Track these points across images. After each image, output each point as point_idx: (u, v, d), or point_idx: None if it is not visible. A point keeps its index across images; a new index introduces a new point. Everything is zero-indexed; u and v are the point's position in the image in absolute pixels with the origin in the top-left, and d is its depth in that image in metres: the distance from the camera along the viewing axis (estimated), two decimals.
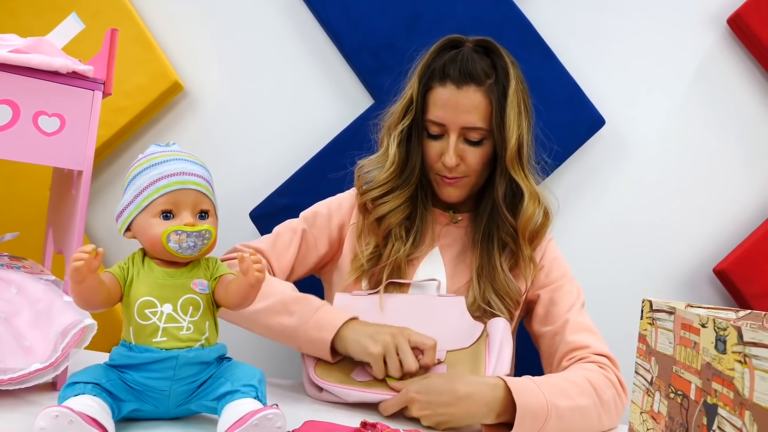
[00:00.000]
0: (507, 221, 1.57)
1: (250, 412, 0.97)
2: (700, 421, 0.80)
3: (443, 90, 1.53)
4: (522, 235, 1.57)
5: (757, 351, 0.69)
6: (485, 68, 1.54)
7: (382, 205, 1.59)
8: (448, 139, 1.54)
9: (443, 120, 1.53)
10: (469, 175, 1.58)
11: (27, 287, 1.22)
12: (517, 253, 1.58)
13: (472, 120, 1.52)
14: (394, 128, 1.60)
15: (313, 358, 1.42)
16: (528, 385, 1.33)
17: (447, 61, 1.55)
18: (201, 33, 2.20)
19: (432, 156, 1.58)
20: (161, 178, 1.09)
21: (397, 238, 1.59)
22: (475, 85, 1.52)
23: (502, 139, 1.52)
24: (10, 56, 1.15)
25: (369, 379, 1.36)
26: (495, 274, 1.57)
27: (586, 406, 1.35)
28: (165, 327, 1.05)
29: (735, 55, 2.13)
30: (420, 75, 1.58)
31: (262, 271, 1.08)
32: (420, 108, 1.57)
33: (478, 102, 1.52)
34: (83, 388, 0.99)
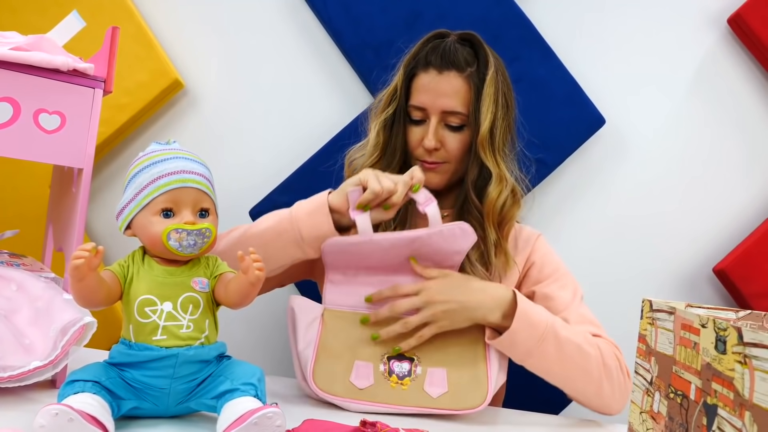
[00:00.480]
0: (474, 205, 1.57)
1: (250, 410, 0.97)
2: (700, 422, 0.80)
3: (425, 75, 1.58)
4: (487, 218, 1.55)
5: (757, 351, 0.69)
6: (467, 57, 1.58)
7: None
8: (429, 123, 1.57)
9: (424, 104, 1.57)
10: (449, 161, 1.59)
11: (27, 285, 1.22)
12: (483, 238, 1.55)
13: (451, 104, 1.55)
14: (379, 115, 1.63)
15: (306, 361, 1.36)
16: (535, 306, 1.42)
17: (430, 49, 1.60)
18: (201, 31, 2.20)
19: (413, 141, 1.60)
20: (162, 177, 1.09)
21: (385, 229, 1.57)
22: (456, 70, 1.56)
23: (476, 122, 1.54)
24: (11, 54, 1.15)
25: (370, 383, 1.34)
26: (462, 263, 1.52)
27: (588, 353, 1.40)
28: (165, 325, 1.05)
29: (735, 55, 2.14)
30: (405, 65, 1.63)
31: (262, 269, 1.08)
32: (404, 95, 1.61)
33: (459, 87, 1.56)
34: (83, 386, 0.99)
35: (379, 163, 1.61)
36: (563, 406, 2.02)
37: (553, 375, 1.42)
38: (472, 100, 1.55)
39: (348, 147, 1.73)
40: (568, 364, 1.39)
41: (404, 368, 1.36)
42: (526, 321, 1.37)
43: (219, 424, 1.00)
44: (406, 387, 1.34)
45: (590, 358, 1.40)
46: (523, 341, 1.37)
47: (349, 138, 1.89)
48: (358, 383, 1.33)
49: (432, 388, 1.35)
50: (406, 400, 1.33)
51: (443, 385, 1.36)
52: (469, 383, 1.37)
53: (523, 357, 1.39)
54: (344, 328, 1.39)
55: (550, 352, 1.37)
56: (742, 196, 2.15)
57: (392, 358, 1.37)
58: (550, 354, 1.38)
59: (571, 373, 1.41)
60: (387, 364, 1.36)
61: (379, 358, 1.37)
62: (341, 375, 1.34)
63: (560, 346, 1.38)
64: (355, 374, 1.34)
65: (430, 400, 1.34)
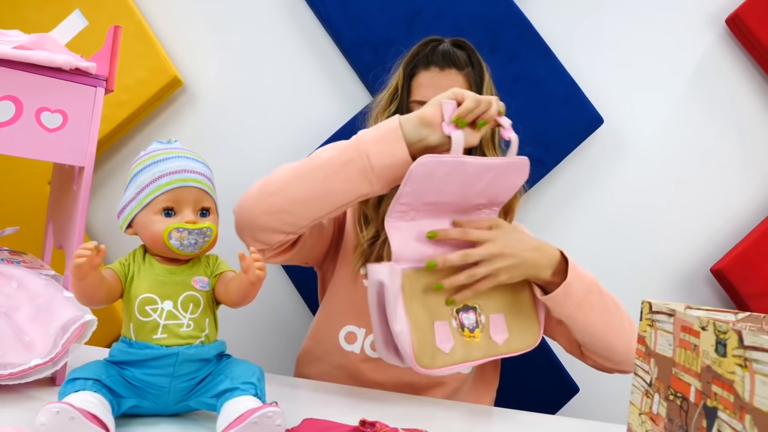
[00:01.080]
0: None
1: (250, 409, 0.97)
2: (699, 424, 0.81)
3: (427, 73, 1.65)
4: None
5: (757, 355, 0.69)
6: (464, 58, 1.66)
7: None
8: None
9: (427, 98, 1.55)
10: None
11: (27, 282, 1.22)
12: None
13: None
14: (381, 115, 1.66)
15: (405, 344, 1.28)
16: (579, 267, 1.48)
17: (429, 51, 1.67)
18: (201, 29, 2.20)
19: None
20: (163, 176, 1.09)
21: None
22: (456, 69, 1.64)
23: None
24: (14, 52, 1.15)
25: (452, 344, 1.32)
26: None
27: (623, 309, 1.51)
28: (165, 324, 1.06)
29: (733, 55, 2.15)
30: (404, 65, 1.68)
31: (263, 269, 1.08)
32: (405, 93, 1.66)
33: (460, 83, 1.63)
34: (83, 384, 0.99)
35: None
36: (561, 405, 2.03)
37: (595, 328, 1.47)
38: None
39: None
40: (609, 317, 1.47)
41: (471, 319, 1.37)
42: (576, 274, 1.44)
43: (219, 423, 1.00)
44: (478, 339, 1.36)
45: (623, 313, 1.50)
46: (575, 293, 1.43)
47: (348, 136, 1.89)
48: (444, 347, 1.31)
49: (497, 335, 1.39)
50: (479, 354, 1.36)
51: (504, 331, 1.41)
52: (523, 324, 1.44)
53: (572, 309, 1.44)
54: (419, 288, 1.33)
55: (595, 303, 1.45)
56: (740, 196, 2.16)
57: (460, 310, 1.37)
58: (596, 305, 1.45)
59: (610, 326, 1.48)
60: (457, 318, 1.36)
61: (450, 313, 1.36)
62: (431, 344, 1.30)
63: (603, 298, 1.47)
64: (439, 338, 1.32)
65: (497, 347, 1.39)
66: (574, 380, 2.07)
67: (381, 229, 1.62)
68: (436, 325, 1.32)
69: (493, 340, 1.38)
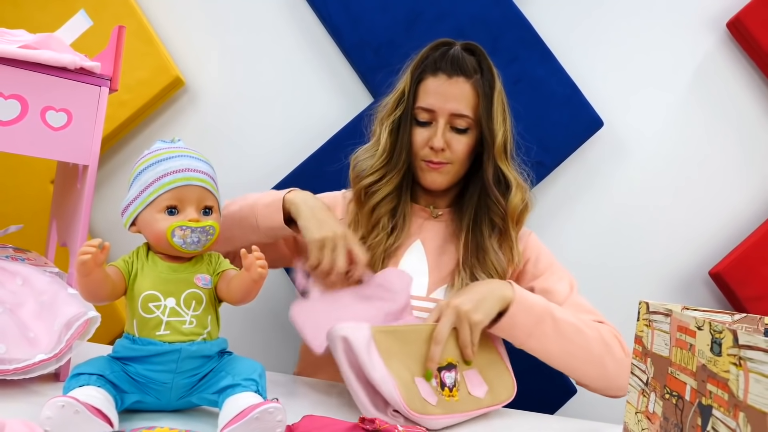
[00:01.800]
0: (498, 204, 1.65)
1: (251, 405, 0.98)
2: (694, 422, 0.82)
3: (434, 80, 1.64)
4: (511, 218, 1.65)
5: (752, 354, 0.71)
6: (473, 65, 1.66)
7: (377, 194, 1.67)
8: (437, 125, 1.64)
9: (433, 106, 1.63)
10: (453, 162, 1.66)
11: (32, 279, 1.23)
12: (505, 234, 1.67)
13: (459, 107, 1.62)
14: (387, 119, 1.69)
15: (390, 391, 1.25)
16: (531, 293, 1.50)
17: (438, 56, 1.66)
18: (202, 29, 2.21)
19: (419, 142, 1.66)
20: (166, 174, 1.11)
21: (383, 228, 1.66)
22: (464, 77, 1.63)
23: (490, 131, 1.63)
24: (20, 52, 1.17)
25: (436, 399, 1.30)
26: (485, 252, 1.65)
27: (586, 333, 1.48)
28: (168, 320, 1.07)
29: (734, 59, 2.15)
30: (413, 70, 1.69)
31: (265, 267, 1.10)
32: (411, 98, 1.66)
33: (467, 92, 1.63)
34: (88, 380, 1.00)
35: (387, 165, 1.66)
36: (559, 406, 2.04)
37: (555, 357, 1.48)
38: (479, 105, 1.63)
39: (347, 146, 1.75)
40: (568, 344, 1.46)
41: (452, 377, 1.35)
42: (523, 304, 1.44)
43: (221, 419, 1.01)
44: (457, 398, 1.33)
45: (589, 338, 1.48)
46: (522, 323, 1.44)
47: (349, 137, 1.90)
48: (430, 400, 1.29)
49: (476, 389, 1.38)
50: (464, 408, 1.34)
51: (482, 384, 1.40)
52: (497, 377, 1.44)
53: (524, 339, 1.45)
54: (394, 347, 1.32)
55: (548, 332, 1.45)
56: (739, 200, 2.17)
57: (442, 369, 1.35)
58: (549, 335, 1.45)
59: (572, 354, 1.48)
60: (438, 377, 1.34)
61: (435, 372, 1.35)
62: (418, 395, 1.28)
63: (558, 326, 1.45)
64: (423, 392, 1.29)
65: (480, 401, 1.37)
66: (572, 382, 2.08)
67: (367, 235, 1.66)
68: (417, 381, 1.31)
69: (473, 395, 1.37)
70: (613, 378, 1.49)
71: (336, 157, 1.79)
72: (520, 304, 1.44)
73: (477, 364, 1.41)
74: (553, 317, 1.46)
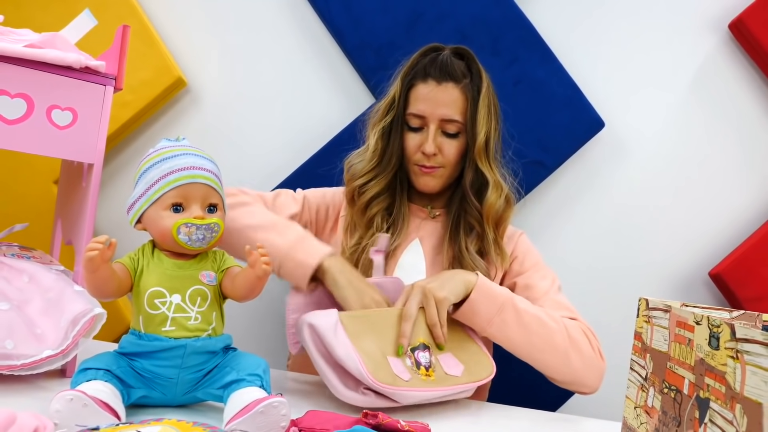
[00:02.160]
0: (473, 206, 1.69)
1: (256, 399, 1.00)
2: (692, 415, 0.83)
3: (425, 86, 1.67)
4: (486, 219, 1.68)
5: (749, 347, 0.72)
6: (463, 69, 1.69)
7: (366, 193, 1.70)
8: (428, 131, 1.67)
9: (424, 112, 1.66)
10: (445, 166, 1.70)
11: (38, 276, 1.25)
12: (482, 236, 1.69)
13: (449, 113, 1.66)
14: (377, 124, 1.72)
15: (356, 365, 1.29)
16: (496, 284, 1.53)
17: (428, 62, 1.70)
18: (204, 30, 2.22)
19: (411, 147, 1.70)
20: (172, 172, 1.12)
21: (377, 228, 1.69)
22: (453, 82, 1.67)
23: (473, 132, 1.65)
24: (26, 51, 1.18)
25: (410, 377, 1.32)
26: (462, 256, 1.68)
27: (549, 325, 1.52)
28: (174, 317, 1.08)
29: (736, 60, 2.16)
30: (403, 76, 1.72)
31: (269, 263, 1.11)
32: (402, 105, 1.70)
33: (456, 97, 1.66)
34: (95, 374, 1.02)
35: (377, 168, 1.70)
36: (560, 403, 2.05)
37: (517, 346, 1.51)
38: (468, 109, 1.66)
39: (347, 148, 1.77)
40: (529, 334, 1.49)
41: (427, 357, 1.38)
42: (485, 291, 1.48)
43: (226, 413, 1.02)
44: (434, 377, 1.36)
45: (553, 331, 1.51)
46: (484, 310, 1.47)
47: (349, 139, 1.91)
48: (403, 376, 1.31)
49: (452, 369, 1.39)
50: (441, 385, 1.36)
51: (458, 364, 1.41)
52: (472, 357, 1.46)
53: (484, 326, 1.48)
54: (364, 329, 1.36)
55: (509, 321, 1.48)
56: (739, 201, 2.18)
57: (416, 349, 1.38)
58: (510, 324, 1.48)
59: (534, 345, 1.50)
60: (412, 357, 1.37)
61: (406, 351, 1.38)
62: (388, 370, 1.31)
63: (519, 316, 1.49)
64: (396, 369, 1.32)
65: (458, 378, 1.39)
66: None
67: (364, 235, 1.69)
68: (390, 359, 1.33)
69: (450, 374, 1.39)
70: (579, 373, 1.52)
71: (338, 158, 1.80)
72: (482, 291, 1.47)
73: (449, 347, 1.44)
74: (514, 307, 1.49)
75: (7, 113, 1.18)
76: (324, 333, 1.30)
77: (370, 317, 1.39)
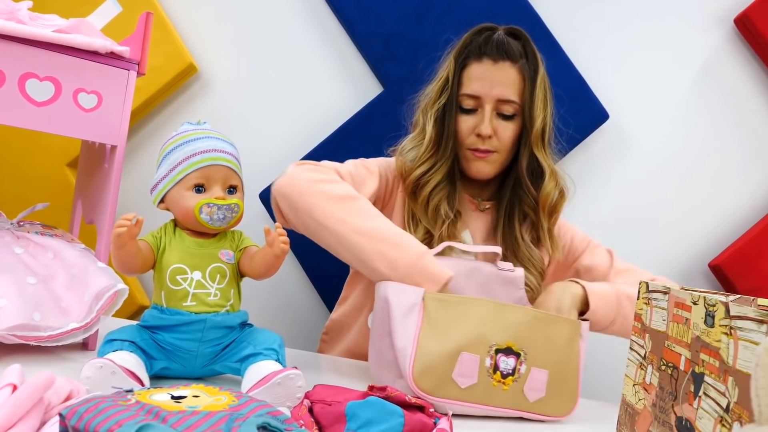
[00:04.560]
0: (530, 193, 1.65)
1: (273, 372, 1.05)
2: (687, 389, 0.88)
3: (479, 65, 1.62)
4: (542, 208, 1.65)
5: (741, 323, 0.77)
6: (519, 49, 1.63)
7: (428, 184, 1.62)
8: (483, 112, 1.61)
9: (479, 92, 1.60)
10: (500, 150, 1.64)
11: (63, 252, 1.29)
12: (537, 224, 1.66)
13: (506, 93, 1.60)
14: (431, 107, 1.65)
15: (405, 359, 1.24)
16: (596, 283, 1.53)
17: (482, 41, 1.63)
18: (216, 17, 2.24)
19: (465, 130, 1.64)
20: (195, 154, 1.16)
21: (446, 216, 1.62)
22: (510, 61, 1.61)
23: (530, 116, 1.61)
24: (54, 36, 1.22)
25: (473, 381, 1.24)
26: (517, 245, 1.65)
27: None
28: (194, 292, 1.13)
29: (740, 55, 2.19)
30: (456, 55, 1.65)
31: (287, 242, 1.16)
32: (456, 85, 1.63)
33: (513, 77, 1.61)
34: (121, 345, 1.07)
35: (435, 155, 1.63)
36: None
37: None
38: (525, 90, 1.61)
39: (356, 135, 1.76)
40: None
41: (510, 364, 1.28)
42: (597, 300, 1.47)
43: (244, 384, 1.07)
44: (507, 388, 1.27)
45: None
46: (604, 312, 1.47)
47: (358, 125, 1.94)
48: (461, 381, 1.23)
49: (531, 392, 1.29)
50: (503, 402, 1.27)
51: (542, 389, 1.30)
52: (563, 391, 1.33)
53: (607, 326, 1.50)
54: (449, 313, 1.28)
55: (629, 312, 1.48)
56: (741, 193, 2.21)
57: (500, 351, 1.27)
58: (629, 315, 1.48)
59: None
60: (494, 358, 1.27)
61: (487, 350, 1.27)
62: (443, 372, 1.23)
63: (632, 303, 1.49)
64: (459, 370, 1.24)
65: (525, 403, 1.29)
66: None
67: (431, 226, 1.61)
68: (463, 356, 1.24)
69: (525, 394, 1.29)
70: None
71: (346, 145, 1.81)
72: (596, 296, 1.47)
73: (553, 367, 1.32)
74: (627, 296, 1.50)
75: (36, 95, 1.23)
76: (394, 315, 1.27)
77: (458, 304, 1.29)
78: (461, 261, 1.45)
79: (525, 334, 1.30)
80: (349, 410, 0.98)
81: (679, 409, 0.90)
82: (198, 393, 0.84)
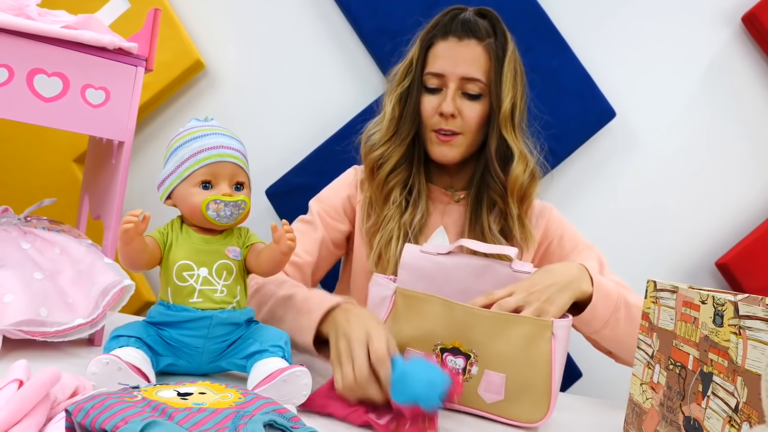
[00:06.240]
0: (497, 179, 1.60)
1: (279, 369, 1.05)
2: (696, 389, 0.88)
3: (444, 43, 1.59)
4: (510, 194, 1.59)
5: (750, 323, 0.77)
6: (486, 28, 1.60)
7: (386, 164, 1.62)
8: (447, 91, 1.58)
9: (443, 70, 1.58)
10: (464, 132, 1.60)
11: (69, 248, 1.29)
12: (506, 213, 1.60)
13: (471, 71, 1.56)
14: (394, 90, 1.64)
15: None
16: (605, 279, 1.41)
17: (448, 20, 1.62)
18: (223, 13, 2.24)
19: (429, 110, 1.60)
20: (202, 151, 1.16)
21: (394, 202, 1.61)
22: (476, 39, 1.58)
23: (498, 97, 1.56)
24: (63, 32, 1.22)
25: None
26: (484, 238, 1.57)
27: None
28: (201, 289, 1.13)
29: (748, 53, 2.18)
30: (422, 37, 1.64)
31: (294, 240, 1.16)
32: (420, 65, 1.61)
33: (478, 55, 1.57)
34: (127, 341, 1.07)
35: (394, 137, 1.62)
36: (564, 389, 2.08)
37: (623, 341, 1.41)
38: (492, 70, 1.57)
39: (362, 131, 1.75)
40: (633, 327, 1.37)
41: (458, 364, 1.23)
42: (602, 293, 1.37)
43: (250, 381, 1.07)
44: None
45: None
46: (602, 313, 1.37)
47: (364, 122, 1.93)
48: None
49: (486, 394, 1.22)
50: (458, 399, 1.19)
51: (499, 392, 1.21)
52: (527, 394, 1.21)
53: (599, 328, 1.39)
54: (408, 309, 1.27)
55: (621, 318, 1.38)
56: (748, 192, 2.21)
57: (446, 351, 1.23)
58: (622, 320, 1.38)
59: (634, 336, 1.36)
60: (440, 357, 1.23)
61: (432, 348, 1.24)
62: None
63: (629, 311, 1.39)
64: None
65: (484, 404, 1.22)
66: (578, 366, 2.13)
67: (381, 212, 1.62)
68: (408, 351, 1.25)
69: (480, 395, 1.22)
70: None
71: (352, 142, 1.81)
72: (600, 291, 1.36)
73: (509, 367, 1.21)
74: (626, 303, 1.39)
75: (44, 91, 1.23)
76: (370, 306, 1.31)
77: (422, 301, 1.26)
78: (473, 259, 1.38)
79: (475, 335, 1.22)
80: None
81: (687, 408, 0.90)
82: (204, 390, 0.84)
